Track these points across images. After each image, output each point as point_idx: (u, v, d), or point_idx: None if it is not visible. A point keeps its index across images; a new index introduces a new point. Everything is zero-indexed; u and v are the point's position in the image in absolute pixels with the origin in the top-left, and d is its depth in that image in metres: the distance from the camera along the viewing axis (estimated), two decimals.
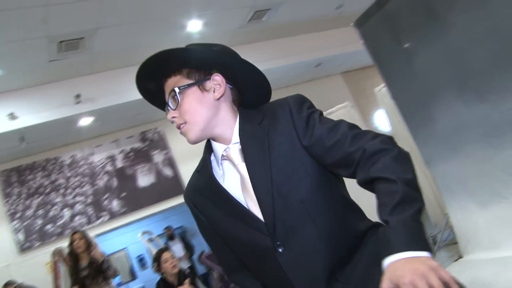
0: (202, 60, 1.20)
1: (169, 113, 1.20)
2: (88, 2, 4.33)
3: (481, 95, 2.77)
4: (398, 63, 3.38)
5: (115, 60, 5.76)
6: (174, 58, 1.19)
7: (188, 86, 1.18)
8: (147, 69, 1.20)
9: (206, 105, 1.19)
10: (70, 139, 6.66)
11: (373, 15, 3.47)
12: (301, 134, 1.14)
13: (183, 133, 1.21)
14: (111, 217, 6.72)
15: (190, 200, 1.28)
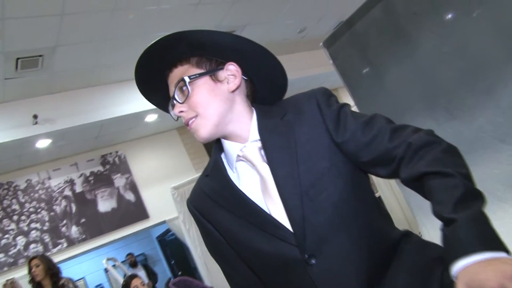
0: (215, 45, 1.06)
1: (175, 107, 1.06)
2: (48, 17, 4.16)
3: (451, 113, 2.78)
4: (367, 83, 3.38)
5: (75, 80, 5.58)
6: (182, 42, 1.05)
7: (200, 76, 1.05)
8: (150, 56, 1.06)
9: (220, 98, 1.05)
10: (26, 162, 6.34)
11: (342, 35, 3.47)
12: (332, 129, 1.02)
13: (193, 129, 1.06)
14: (69, 245, 6.40)
15: (195, 208, 1.11)
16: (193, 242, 5.47)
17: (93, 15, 4.43)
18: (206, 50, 1.06)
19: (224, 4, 5.31)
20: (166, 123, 7.30)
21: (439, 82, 2.88)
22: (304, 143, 1.00)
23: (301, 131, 1.02)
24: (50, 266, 4.24)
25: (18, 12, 3.91)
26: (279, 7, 5.98)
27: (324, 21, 7.11)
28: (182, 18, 5.18)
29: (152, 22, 5.01)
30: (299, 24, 6.81)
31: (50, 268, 4.22)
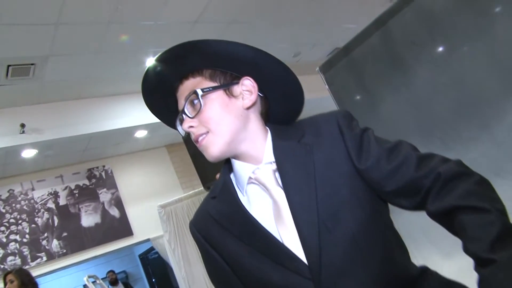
0: (231, 57, 0.98)
1: (184, 122, 0.98)
2: (43, 26, 4.11)
3: (446, 144, 2.76)
4: (362, 110, 3.36)
5: (65, 91, 5.50)
6: (196, 52, 0.98)
7: (213, 89, 0.97)
8: (161, 65, 0.99)
9: (234, 114, 0.97)
10: (9, 172, 6.20)
11: (338, 61, 3.47)
12: (354, 155, 0.94)
13: (203, 147, 0.98)
14: (49, 259, 6.23)
15: (199, 231, 1.02)
16: (178, 262, 5.35)
17: (88, 27, 4.39)
18: (221, 62, 1.00)
19: (221, 24, 5.31)
20: (155, 140, 7.23)
21: (435, 113, 2.87)
22: (323, 168, 0.93)
23: (320, 155, 0.94)
24: (25, 281, 4.04)
25: (12, 18, 3.85)
26: (274, 30, 6.00)
27: (319, 47, 7.15)
28: (178, 36, 5.16)
29: (147, 38, 4.98)
30: (293, 48, 6.84)
31: (24, 284, 4.02)
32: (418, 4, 2.92)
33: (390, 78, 3.14)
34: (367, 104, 3.34)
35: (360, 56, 3.31)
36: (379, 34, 3.20)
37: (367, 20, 3.26)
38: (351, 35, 3.45)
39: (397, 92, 3.08)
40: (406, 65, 3.02)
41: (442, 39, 2.91)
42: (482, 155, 2.62)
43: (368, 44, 3.27)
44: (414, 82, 3.01)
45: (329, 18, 6.32)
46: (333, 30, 6.70)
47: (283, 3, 5.40)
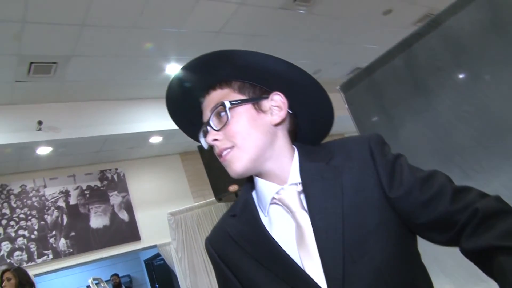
0: (263, 70, 0.95)
1: (209, 135, 0.93)
2: (68, 26, 4.16)
3: (466, 172, 2.70)
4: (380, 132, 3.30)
5: (85, 92, 5.55)
6: (227, 62, 0.94)
7: (242, 102, 0.93)
8: (189, 73, 0.95)
9: (261, 130, 0.93)
10: (23, 167, 6.25)
11: (360, 81, 3.43)
12: (385, 182, 0.88)
13: (226, 162, 0.93)
14: (55, 257, 6.23)
15: (215, 250, 0.98)
16: (183, 271, 5.31)
17: (112, 30, 4.43)
18: (251, 75, 0.96)
19: (243, 36, 5.32)
20: (169, 147, 7.24)
21: (455, 140, 2.81)
22: (352, 194, 0.87)
23: (350, 179, 0.89)
24: (22, 281, 3.99)
25: (39, 17, 3.90)
26: (295, 46, 6.00)
27: (340, 65, 7.14)
28: (200, 45, 5.18)
29: (169, 45, 5.01)
30: (314, 65, 6.83)
31: (22, 284, 3.97)
32: (444, 29, 2.88)
33: (412, 101, 3.09)
34: (386, 127, 3.29)
35: (382, 78, 3.28)
36: (403, 57, 3.17)
37: (390, 42, 3.24)
38: (372, 56, 3.42)
39: (418, 117, 3.03)
40: (429, 89, 2.98)
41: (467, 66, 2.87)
42: (503, 186, 2.56)
43: (391, 66, 3.24)
44: (436, 107, 2.96)
45: (352, 37, 6.30)
46: (355, 49, 6.68)
47: (306, 19, 5.40)
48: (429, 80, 3.02)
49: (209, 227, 5.32)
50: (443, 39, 2.93)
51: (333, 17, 5.56)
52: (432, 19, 2.93)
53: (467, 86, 2.80)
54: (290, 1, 4.90)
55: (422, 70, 3.05)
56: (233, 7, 4.67)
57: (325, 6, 5.22)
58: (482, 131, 2.70)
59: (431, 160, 2.95)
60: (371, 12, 5.74)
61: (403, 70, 3.19)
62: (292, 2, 4.91)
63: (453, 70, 2.89)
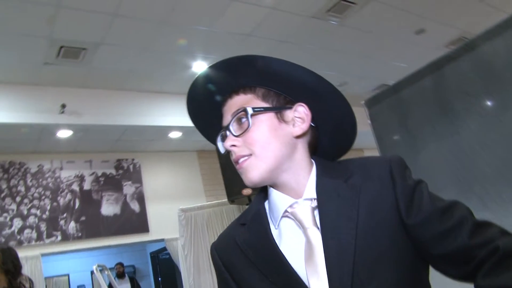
0: (289, 80, 0.92)
1: (227, 140, 0.91)
2: (101, 14, 4.20)
3: (485, 202, 2.63)
4: (401, 152, 3.25)
5: (110, 80, 5.60)
6: (253, 68, 0.91)
7: (265, 110, 0.91)
8: (214, 74, 0.93)
9: (282, 140, 0.90)
10: (42, 148, 6.33)
11: (385, 98, 3.38)
12: (403, 207, 0.84)
13: (242, 169, 0.90)
14: (63, 239, 6.29)
15: (220, 257, 0.96)
16: (188, 268, 5.29)
17: (143, 23, 4.46)
18: (277, 83, 0.93)
19: (272, 41, 5.31)
20: (187, 143, 7.26)
21: (478, 168, 2.74)
22: (367, 216, 0.84)
23: (367, 200, 0.86)
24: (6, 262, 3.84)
25: (74, 2, 3.95)
26: (323, 56, 5.97)
27: (366, 80, 7.07)
28: (229, 46, 5.19)
29: (198, 43, 5.03)
30: (340, 77, 6.78)
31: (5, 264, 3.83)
32: (478, 54, 2.82)
33: (436, 124, 3.03)
34: (408, 146, 3.23)
35: (408, 97, 3.22)
36: (432, 78, 3.11)
37: (419, 62, 3.19)
38: (400, 74, 3.37)
39: (441, 140, 2.97)
40: (455, 114, 2.91)
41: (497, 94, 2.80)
42: None
43: (419, 86, 3.18)
44: (460, 132, 2.89)
45: (381, 53, 6.25)
46: (383, 65, 6.62)
47: (337, 30, 5.37)
48: (456, 104, 2.96)
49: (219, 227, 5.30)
50: (475, 64, 2.86)
51: (365, 31, 5.52)
52: (466, 43, 2.87)
53: (495, 114, 2.73)
54: (323, 11, 4.88)
55: (450, 94, 2.99)
56: (266, 11, 4.66)
57: (358, 19, 5.18)
58: (506, 161, 2.62)
59: (450, 186, 2.88)
60: (404, 30, 5.68)
61: (431, 91, 3.14)
62: (325, 12, 4.89)
63: (482, 97, 2.83)
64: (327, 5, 4.79)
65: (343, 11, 4.94)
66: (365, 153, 9.87)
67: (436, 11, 5.40)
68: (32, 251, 5.94)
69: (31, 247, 6.01)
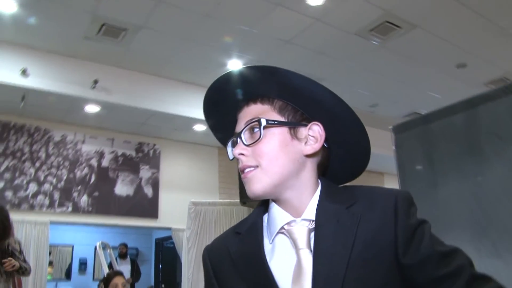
0: (308, 97, 0.90)
1: (237, 147, 0.90)
2: None
3: (498, 250, 2.56)
4: (421, 184, 3.19)
5: (145, 64, 5.67)
6: (274, 79, 0.90)
7: (279, 124, 0.89)
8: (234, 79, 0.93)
9: (291, 157, 0.88)
10: (68, 119, 6.44)
11: (414, 127, 3.32)
12: (401, 245, 0.81)
13: (247, 179, 0.89)
14: (73, 211, 6.38)
15: (211, 262, 0.95)
16: (189, 261, 5.31)
17: (188, 13, 4.49)
18: (296, 98, 0.92)
19: (310, 51, 5.29)
20: (210, 138, 7.26)
21: (497, 214, 2.67)
22: (363, 247, 0.82)
23: (365, 231, 0.83)
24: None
25: None
26: (359, 74, 5.93)
27: (398, 105, 6.99)
28: (267, 49, 5.19)
29: (236, 41, 5.04)
30: (372, 98, 6.72)
31: None
32: None
33: (462, 163, 2.96)
34: (428, 179, 3.17)
35: (437, 130, 3.16)
36: (465, 115, 3.04)
37: (455, 96, 3.13)
38: (434, 105, 3.32)
39: (464, 179, 2.90)
40: (483, 155, 2.84)
41: None
42: None
43: (450, 120, 3.12)
44: (485, 175, 2.82)
45: (418, 81, 6.16)
46: (418, 93, 6.53)
47: (378, 51, 5.31)
48: (485, 146, 2.88)
49: (226, 226, 5.30)
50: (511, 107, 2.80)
51: (405, 56, 5.46)
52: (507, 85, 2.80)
53: None
54: (367, 30, 4.83)
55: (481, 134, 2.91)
56: (309, 21, 4.65)
57: (400, 43, 5.12)
58: None
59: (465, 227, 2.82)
60: (445, 61, 5.59)
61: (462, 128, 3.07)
62: (368, 31, 4.85)
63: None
64: (372, 25, 4.75)
65: (387, 33, 4.89)
66: (385, 177, 9.74)
67: (481, 47, 5.31)
68: (41, 217, 6.05)
69: (41, 213, 6.11)
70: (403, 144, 3.39)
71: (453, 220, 2.89)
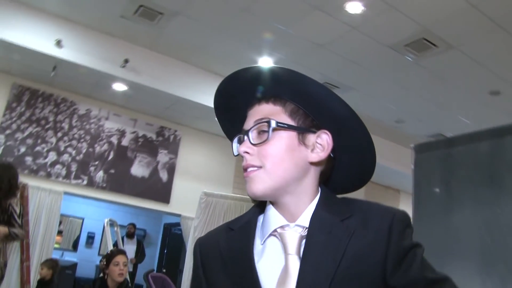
0: (323, 106, 0.90)
1: (243, 145, 0.89)
2: None
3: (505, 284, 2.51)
4: (436, 207, 3.14)
5: (177, 50, 5.70)
6: (291, 83, 0.89)
7: (288, 128, 0.88)
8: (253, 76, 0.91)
9: (295, 162, 0.87)
10: (95, 94, 6.53)
11: (436, 148, 3.27)
12: (390, 266, 0.80)
13: (249, 179, 0.88)
14: (88, 184, 6.47)
15: (201, 254, 0.95)
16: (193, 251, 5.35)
17: (225, 4, 4.50)
18: (310, 105, 0.91)
19: (341, 58, 5.25)
20: None
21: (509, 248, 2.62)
22: (351, 262, 0.81)
23: (356, 246, 0.82)
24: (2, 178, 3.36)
25: None
26: (388, 88, 5.86)
27: (424, 124, 6.89)
28: (298, 50, 5.17)
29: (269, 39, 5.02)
30: (398, 113, 6.63)
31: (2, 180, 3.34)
32: None
33: (480, 191, 2.90)
34: (443, 203, 3.12)
35: (460, 155, 3.10)
36: (490, 144, 2.98)
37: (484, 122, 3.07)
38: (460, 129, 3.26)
39: (480, 208, 2.84)
40: (503, 188, 2.78)
41: None
42: None
43: (475, 147, 3.06)
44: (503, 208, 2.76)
45: (448, 103, 6.06)
46: (446, 115, 6.42)
47: (410, 67, 5.24)
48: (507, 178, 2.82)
49: None
50: None
51: (438, 76, 5.37)
52: None
53: None
54: (402, 44, 4.77)
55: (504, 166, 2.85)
56: (346, 29, 4.60)
57: (435, 62, 5.04)
58: None
59: (473, 256, 2.76)
60: (478, 86, 5.48)
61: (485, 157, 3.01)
62: (403, 45, 4.78)
63: None
64: (408, 40, 4.68)
65: (422, 50, 4.82)
66: (402, 195, 9.64)
67: None
68: (56, 186, 6.15)
69: (57, 182, 6.21)
70: (422, 164, 3.34)
71: (462, 248, 2.84)
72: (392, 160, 7.60)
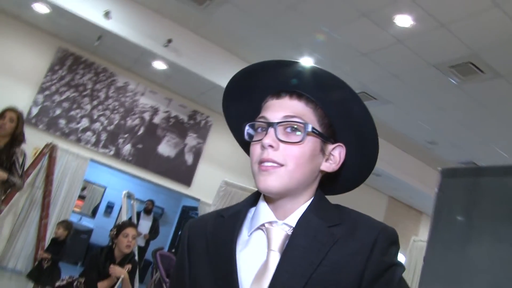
0: (357, 125, 0.90)
1: (267, 136, 0.85)
2: None
3: None
4: (453, 236, 3.07)
5: (221, 37, 5.72)
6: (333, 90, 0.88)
7: (318, 135, 0.87)
8: (301, 72, 0.89)
9: (312, 168, 0.87)
10: (135, 69, 6.64)
11: (464, 176, 3.18)
12: (367, 279, 0.79)
13: (266, 172, 0.85)
14: (114, 155, 6.60)
15: (188, 237, 0.95)
16: None
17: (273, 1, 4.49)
18: (341, 117, 0.90)
19: (383, 70, 5.16)
20: None
21: None
22: (329, 269, 0.80)
23: (337, 255, 0.82)
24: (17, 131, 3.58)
25: None
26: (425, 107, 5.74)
27: (457, 150, 6.71)
28: (340, 55, 5.12)
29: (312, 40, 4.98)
30: (432, 135, 6.49)
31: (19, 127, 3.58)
32: None
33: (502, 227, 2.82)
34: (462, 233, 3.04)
35: (487, 187, 3.02)
36: None
37: None
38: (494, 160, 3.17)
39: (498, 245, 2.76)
40: None
41: None
42: None
43: (504, 182, 2.97)
44: None
45: (487, 132, 5.89)
46: (481, 143, 6.24)
47: (452, 89, 5.10)
48: None
49: None
50: None
51: (480, 103, 5.22)
52: None
53: None
54: (447, 65, 4.65)
55: None
56: (391, 40, 4.52)
57: (479, 88, 4.90)
58: None
59: None
60: None
61: None
62: (448, 66, 4.66)
63: None
64: (454, 61, 4.56)
65: (467, 74, 4.68)
66: (423, 217, 9.48)
67: None
68: (84, 152, 6.30)
69: (85, 148, 6.36)
70: (446, 190, 3.26)
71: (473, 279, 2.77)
72: (419, 180, 7.46)
